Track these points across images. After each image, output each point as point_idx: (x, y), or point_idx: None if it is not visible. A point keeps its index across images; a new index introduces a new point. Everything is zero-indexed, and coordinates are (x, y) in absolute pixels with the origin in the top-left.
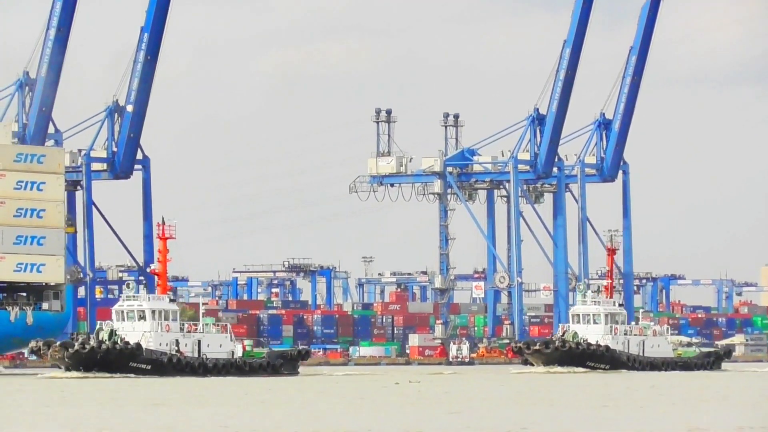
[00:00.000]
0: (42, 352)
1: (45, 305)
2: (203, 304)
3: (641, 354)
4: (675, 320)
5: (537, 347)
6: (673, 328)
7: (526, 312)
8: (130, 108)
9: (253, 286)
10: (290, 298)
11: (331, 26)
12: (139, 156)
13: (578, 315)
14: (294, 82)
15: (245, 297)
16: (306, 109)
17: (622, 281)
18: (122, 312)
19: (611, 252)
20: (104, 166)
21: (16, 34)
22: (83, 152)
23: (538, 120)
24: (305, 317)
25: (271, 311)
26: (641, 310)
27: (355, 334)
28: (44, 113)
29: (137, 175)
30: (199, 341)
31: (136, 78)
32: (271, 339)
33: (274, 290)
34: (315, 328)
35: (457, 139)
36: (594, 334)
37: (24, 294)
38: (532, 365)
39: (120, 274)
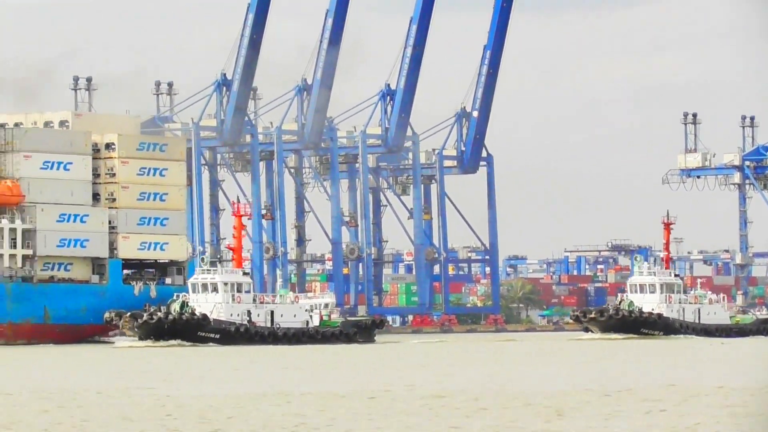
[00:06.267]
0: (114, 322)
1: (168, 280)
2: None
3: (697, 321)
4: None
5: (593, 315)
6: None
7: None
8: (475, 114)
9: (581, 263)
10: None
11: (656, 42)
12: (484, 154)
13: (635, 285)
14: (610, 87)
15: (575, 273)
16: (624, 111)
17: None
18: (196, 285)
19: (667, 227)
20: (454, 163)
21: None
22: (436, 151)
23: None
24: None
25: (597, 284)
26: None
27: None
28: (403, 119)
29: (482, 170)
30: (272, 312)
31: (480, 88)
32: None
33: (599, 266)
34: None
35: (753, 137)
36: (649, 303)
37: (151, 270)
38: (592, 332)
39: (468, 254)
